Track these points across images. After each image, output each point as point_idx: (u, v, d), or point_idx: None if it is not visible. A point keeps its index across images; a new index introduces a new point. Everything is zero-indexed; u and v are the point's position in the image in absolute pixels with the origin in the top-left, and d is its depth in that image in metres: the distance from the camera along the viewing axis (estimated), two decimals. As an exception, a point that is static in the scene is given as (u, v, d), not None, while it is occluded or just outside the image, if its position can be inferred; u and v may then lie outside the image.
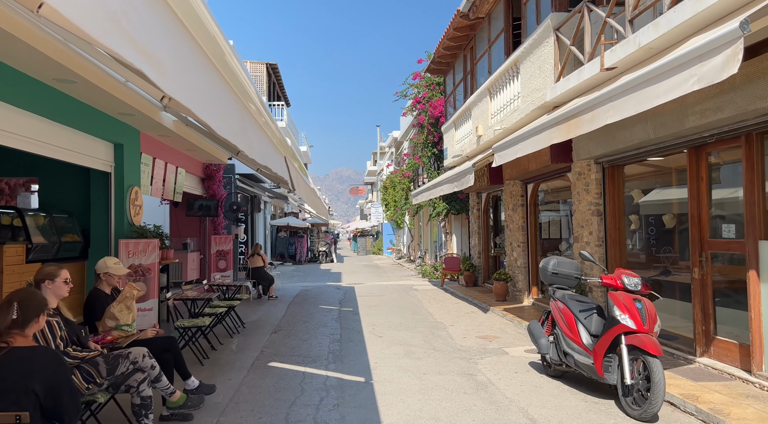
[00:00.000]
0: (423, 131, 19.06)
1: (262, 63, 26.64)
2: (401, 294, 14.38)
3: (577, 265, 6.37)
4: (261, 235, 26.00)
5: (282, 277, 20.01)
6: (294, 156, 8.29)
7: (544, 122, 6.31)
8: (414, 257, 28.37)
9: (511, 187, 12.10)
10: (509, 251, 12.44)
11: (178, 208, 14.44)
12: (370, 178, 59.87)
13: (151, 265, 8.62)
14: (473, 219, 15.71)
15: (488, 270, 15.12)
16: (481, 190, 14.96)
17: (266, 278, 13.31)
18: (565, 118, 5.76)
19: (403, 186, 23.70)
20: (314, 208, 10.25)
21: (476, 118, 12.37)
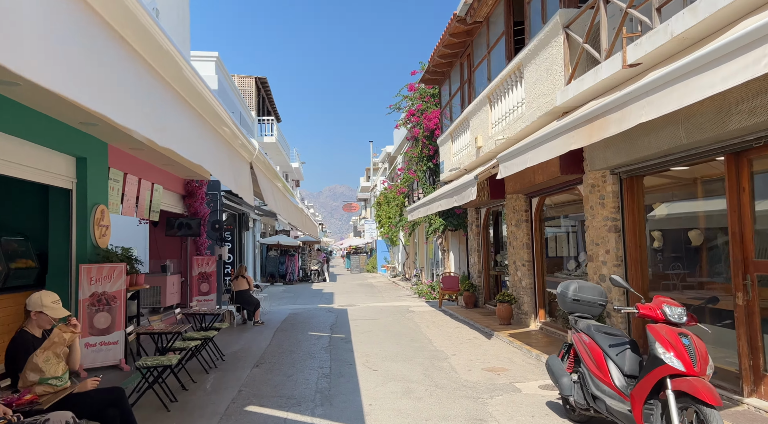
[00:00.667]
0: (417, 145, 18.30)
1: (251, 77, 25.92)
2: (397, 317, 13.45)
3: (600, 290, 5.51)
4: (250, 254, 25.04)
5: (270, 299, 19.03)
6: (276, 176, 7.57)
7: (560, 126, 5.49)
8: (409, 276, 27.45)
9: (514, 201, 11.28)
10: (512, 270, 11.58)
11: (158, 228, 13.53)
12: (364, 195, 59.10)
13: (116, 292, 7.69)
14: (472, 236, 14.87)
15: (489, 290, 14.23)
16: (481, 206, 14.14)
17: (251, 302, 12.37)
18: (587, 120, 4.95)
19: (397, 202, 22.87)
20: (303, 228, 9.38)
21: (475, 128, 11.60)
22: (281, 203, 8.37)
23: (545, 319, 10.46)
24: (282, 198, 8.07)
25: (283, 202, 6.93)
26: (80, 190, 7.84)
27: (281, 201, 6.77)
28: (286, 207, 6.94)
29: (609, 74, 6.04)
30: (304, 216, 10.26)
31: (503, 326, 10.91)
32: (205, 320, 9.05)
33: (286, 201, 7.25)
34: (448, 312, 14.09)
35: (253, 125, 25.91)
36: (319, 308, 15.89)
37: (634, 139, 6.30)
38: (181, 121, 3.00)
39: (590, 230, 8.01)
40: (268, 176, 5.49)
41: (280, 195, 7.82)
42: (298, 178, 54.25)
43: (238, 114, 21.56)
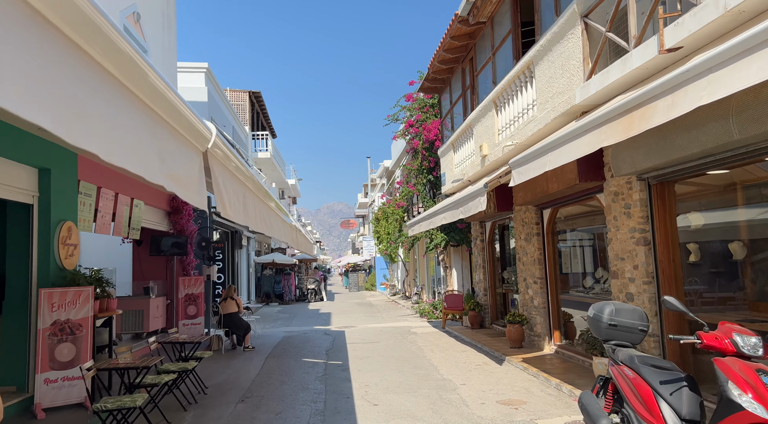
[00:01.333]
0: (417, 157, 17.53)
1: (244, 91, 25.27)
2: (398, 340, 12.53)
3: (641, 313, 4.67)
4: (244, 273, 24.13)
5: (264, 320, 18.08)
6: (268, 195, 6.85)
7: (588, 121, 4.70)
8: (410, 294, 26.51)
9: (524, 213, 10.46)
10: (523, 288, 10.72)
11: (142, 248, 12.68)
12: (362, 211, 58.30)
13: (82, 320, 6.80)
14: (476, 251, 14.02)
15: (496, 310, 13.34)
16: (486, 219, 13.32)
17: (241, 325, 11.46)
18: (625, 111, 4.15)
19: (396, 217, 22.04)
20: (294, 245, 8.55)
21: (480, 136, 10.82)
22: (256, 213, 7.50)
23: (561, 341, 9.57)
24: (260, 208, 7.19)
25: (261, 214, 6.07)
26: (43, 205, 7.00)
27: (257, 211, 5.91)
28: (267, 219, 6.10)
29: (641, 63, 5.26)
30: (296, 232, 9.42)
31: (514, 350, 10.02)
32: (184, 349, 8.14)
33: (269, 212, 6.42)
34: (452, 334, 13.18)
35: (246, 140, 25.17)
36: (315, 331, 14.96)
37: (671, 138, 5.50)
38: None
39: (614, 244, 7.18)
40: (235, 175, 4.64)
41: (257, 204, 6.94)
42: (295, 195, 53.48)
43: (231, 128, 20.81)
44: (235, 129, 21.70)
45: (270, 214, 6.36)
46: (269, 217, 6.29)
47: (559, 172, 7.95)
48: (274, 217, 6.59)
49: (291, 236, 8.46)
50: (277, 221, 6.90)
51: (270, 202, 6.25)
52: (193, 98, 16.40)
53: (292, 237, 8.56)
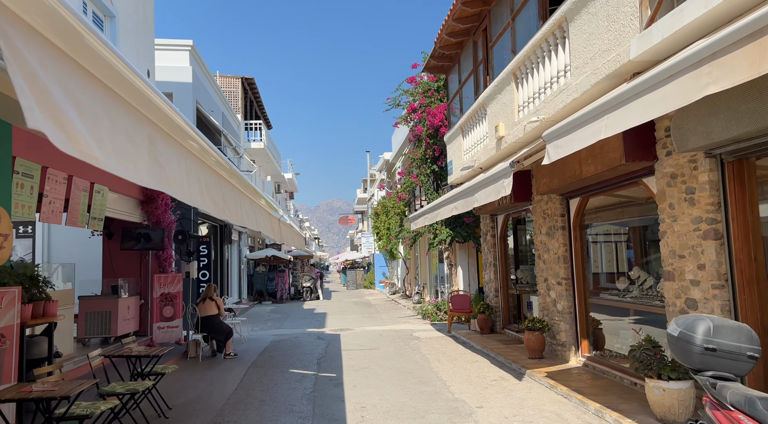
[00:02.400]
0: (420, 145, 16.15)
1: (236, 77, 23.84)
2: (400, 346, 11.17)
3: (748, 332, 3.31)
4: (235, 270, 22.76)
5: (254, 321, 16.71)
6: (255, 192, 5.67)
7: (687, 57, 3.32)
8: (410, 293, 25.17)
9: (545, 204, 9.10)
10: (543, 289, 9.36)
11: (113, 241, 11.30)
12: (361, 207, 56.94)
13: (5, 329, 5.42)
14: (486, 248, 12.65)
15: (509, 313, 11.99)
16: (497, 211, 11.95)
17: (221, 330, 10.10)
18: (752, 35, 2.78)
19: (397, 211, 20.66)
20: (281, 240, 7.20)
21: (495, 115, 9.45)
22: (263, 220, 6.24)
23: (589, 353, 8.21)
24: (261, 213, 5.92)
25: (224, 198, 4.73)
26: (-41, 184, 5.62)
27: (225, 195, 4.58)
28: (239, 206, 4.74)
29: (736, -9, 3.88)
30: (278, 223, 8.08)
31: (534, 361, 8.67)
32: (140, 363, 6.78)
33: (241, 198, 5.06)
34: (460, 339, 11.82)
35: (239, 129, 23.78)
36: (307, 334, 13.60)
37: (766, 98, 4.12)
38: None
39: (669, 238, 5.81)
40: (189, 149, 3.28)
41: (261, 213, 5.67)
42: (292, 190, 52.09)
43: (220, 114, 19.41)
44: (226, 116, 20.30)
45: (242, 200, 5.01)
46: (245, 205, 4.96)
47: (596, 151, 6.58)
48: (248, 204, 5.25)
49: (272, 228, 7.11)
50: (254, 210, 5.57)
51: (244, 188, 4.92)
52: (176, 79, 15.01)
53: (273, 228, 7.21)
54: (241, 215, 4.86)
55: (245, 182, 5.06)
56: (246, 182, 5.08)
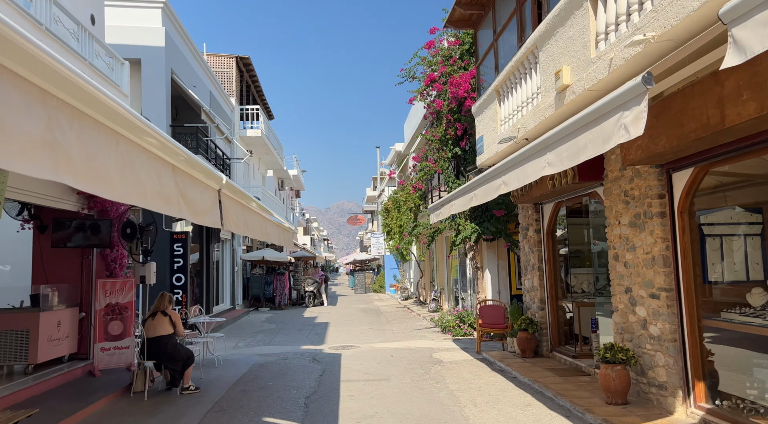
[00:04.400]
0: (440, 123, 13.44)
1: (230, 56, 21.27)
2: (418, 375, 8.47)
3: None
4: (227, 273, 20.17)
5: (240, 334, 14.07)
6: (233, 189, 3.37)
7: None
8: (425, 298, 22.44)
9: (629, 182, 6.36)
10: (624, 304, 6.62)
11: (45, 236, 8.73)
12: (370, 206, 54.31)
13: None
14: (527, 246, 9.92)
15: (559, 330, 9.24)
16: (543, 199, 9.22)
17: (176, 355, 7.43)
18: None
19: (410, 204, 17.95)
20: (270, 240, 4.61)
21: (553, 59, 6.73)
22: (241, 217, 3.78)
23: (707, 403, 5.46)
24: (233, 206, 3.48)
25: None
26: None
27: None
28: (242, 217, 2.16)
29: None
30: (264, 220, 5.47)
31: (618, 409, 5.92)
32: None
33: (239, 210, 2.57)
34: (496, 365, 9.09)
35: (233, 115, 21.20)
36: (301, 354, 10.92)
37: None
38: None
39: None
40: None
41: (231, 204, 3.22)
42: (298, 188, 49.58)
43: (207, 94, 16.82)
44: (214, 96, 17.71)
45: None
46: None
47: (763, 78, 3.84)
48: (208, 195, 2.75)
49: (246, 223, 4.49)
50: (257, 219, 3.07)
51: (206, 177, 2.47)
52: (144, 42, 12.44)
53: (247, 224, 4.59)
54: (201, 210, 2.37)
55: (206, 170, 2.51)
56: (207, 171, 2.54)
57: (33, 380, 7.33)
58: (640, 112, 3.06)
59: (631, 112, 3.17)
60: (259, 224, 5.03)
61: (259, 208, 5.19)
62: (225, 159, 17.25)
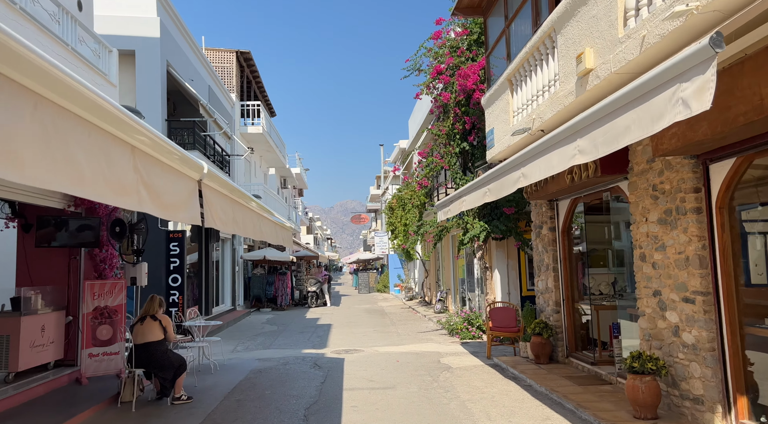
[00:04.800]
0: (447, 117, 12.89)
1: (230, 51, 20.75)
2: (426, 383, 7.93)
3: None
4: (228, 273, 19.68)
5: (240, 337, 13.56)
6: (218, 180, 2.85)
7: None
8: (430, 299, 21.90)
9: (658, 175, 5.81)
10: (652, 308, 6.07)
11: (30, 235, 8.23)
12: (374, 205, 53.80)
13: None
14: (541, 246, 9.37)
15: (576, 335, 8.69)
16: (559, 195, 8.67)
17: (166, 363, 6.91)
18: None
19: (416, 202, 17.41)
20: (266, 238, 4.09)
21: (573, 42, 6.17)
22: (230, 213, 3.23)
23: (750, 419, 4.91)
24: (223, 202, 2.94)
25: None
26: None
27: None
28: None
29: None
30: (253, 215, 4.94)
31: (644, 422, 5.39)
32: None
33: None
34: (508, 372, 8.54)
35: (233, 111, 20.70)
36: (302, 358, 10.40)
37: None
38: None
39: None
40: None
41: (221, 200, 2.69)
42: (301, 187, 49.06)
43: (206, 88, 16.31)
44: (213, 90, 17.19)
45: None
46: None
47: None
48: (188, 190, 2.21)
49: (235, 219, 3.98)
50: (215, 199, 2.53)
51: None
52: (138, 32, 11.93)
53: (238, 221, 4.08)
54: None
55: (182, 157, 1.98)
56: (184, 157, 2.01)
57: (13, 390, 6.83)
58: (706, 83, 2.52)
59: (691, 83, 2.62)
60: (251, 222, 4.50)
61: (254, 204, 4.65)
62: (224, 156, 16.73)
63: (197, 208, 3.01)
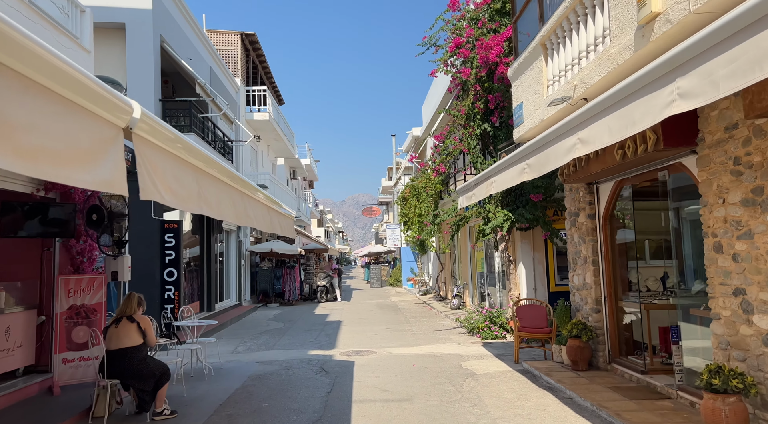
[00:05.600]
0: (466, 96, 11.75)
1: (234, 33, 19.70)
2: (449, 394, 6.86)
3: None
4: (233, 266, 18.73)
5: (246, 333, 12.57)
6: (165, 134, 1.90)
7: None
8: (445, 293, 20.82)
9: (741, 146, 4.65)
10: (732, 311, 4.93)
11: None
12: (386, 197, 52.64)
13: None
14: (578, 235, 8.23)
15: (619, 338, 7.56)
16: (602, 176, 7.51)
17: (144, 372, 5.89)
18: None
19: (431, 191, 16.30)
20: (259, 226, 3.03)
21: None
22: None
23: None
24: None
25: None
26: None
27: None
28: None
29: None
30: (233, 193, 3.89)
31: (737, 460, 4.26)
32: None
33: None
34: (542, 381, 7.44)
35: (238, 97, 19.67)
36: (307, 361, 9.37)
37: None
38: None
39: None
40: None
41: None
42: (312, 178, 48.09)
43: (207, 69, 15.29)
44: (215, 72, 16.15)
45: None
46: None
47: None
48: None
49: (216, 203, 2.95)
50: None
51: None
52: (129, 4, 10.90)
53: (221, 205, 3.05)
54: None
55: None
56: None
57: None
58: None
59: None
60: (230, 201, 3.44)
61: (232, 179, 3.59)
62: (226, 141, 15.71)
63: (116, 168, 1.97)
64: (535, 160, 5.08)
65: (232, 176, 3.97)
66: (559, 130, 4.69)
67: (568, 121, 4.41)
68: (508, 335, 11.27)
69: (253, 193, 4.46)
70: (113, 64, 11.05)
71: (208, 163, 3.15)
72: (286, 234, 7.24)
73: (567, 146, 4.33)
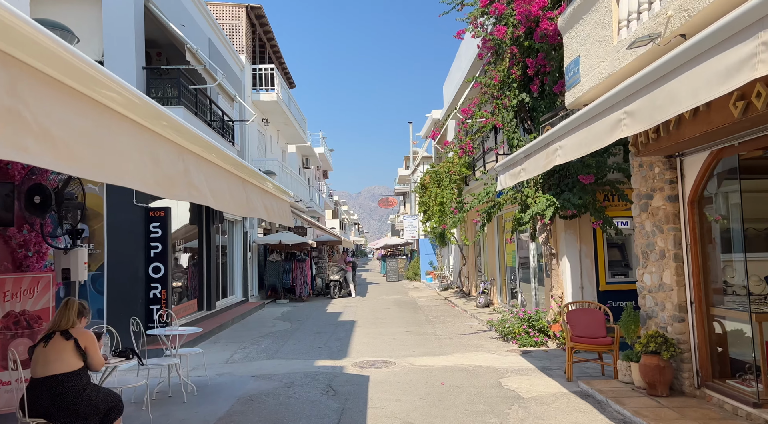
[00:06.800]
0: (501, 61, 10.02)
1: (239, 5, 18.09)
2: (491, 431, 5.22)
3: None
4: (238, 259, 17.25)
5: (248, 335, 11.02)
6: None
7: None
8: (468, 289, 19.14)
9: None
10: None
11: None
12: (402, 187, 50.97)
13: None
14: (650, 223, 6.50)
15: (712, 356, 5.84)
16: (692, 145, 5.76)
17: (85, 408, 4.33)
18: None
19: (455, 176, 14.60)
20: (252, 213, 1.42)
21: None
22: None
23: None
24: None
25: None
26: None
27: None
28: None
29: None
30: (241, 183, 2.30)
31: None
32: None
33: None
34: (611, 411, 5.76)
35: (243, 75, 18.11)
36: (312, 376, 7.79)
37: None
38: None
39: None
40: None
41: None
42: (326, 168, 46.59)
43: (205, 41, 13.72)
44: (214, 44, 14.58)
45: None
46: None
47: None
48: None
49: None
50: None
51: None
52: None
53: None
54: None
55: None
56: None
57: None
58: None
59: None
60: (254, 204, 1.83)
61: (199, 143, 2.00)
62: (225, 120, 14.16)
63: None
64: (645, 103, 3.38)
65: (175, 128, 2.37)
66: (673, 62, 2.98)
67: (673, 56, 2.71)
68: (549, 341, 9.60)
69: (232, 165, 2.86)
70: (89, 26, 9.54)
71: (152, 118, 1.58)
72: (281, 221, 5.63)
73: (706, 79, 2.63)
